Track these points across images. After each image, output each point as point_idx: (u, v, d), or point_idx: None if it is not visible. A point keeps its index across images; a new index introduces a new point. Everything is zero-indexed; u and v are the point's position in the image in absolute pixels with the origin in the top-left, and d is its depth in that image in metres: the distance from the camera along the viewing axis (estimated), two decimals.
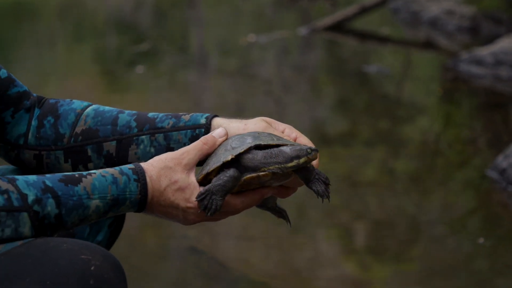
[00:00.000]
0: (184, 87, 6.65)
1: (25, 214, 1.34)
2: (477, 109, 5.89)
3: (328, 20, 8.60)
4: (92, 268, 1.31)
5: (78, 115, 1.70)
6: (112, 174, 1.44)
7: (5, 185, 1.34)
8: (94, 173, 1.44)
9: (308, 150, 1.51)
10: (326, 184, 1.56)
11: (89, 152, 1.67)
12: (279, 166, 1.51)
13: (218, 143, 1.56)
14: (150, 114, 1.68)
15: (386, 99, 6.04)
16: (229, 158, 1.50)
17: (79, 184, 1.40)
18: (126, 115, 1.68)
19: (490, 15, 8.26)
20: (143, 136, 1.65)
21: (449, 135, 5.20)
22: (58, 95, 6.05)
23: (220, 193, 1.49)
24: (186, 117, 1.65)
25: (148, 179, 1.46)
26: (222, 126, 1.62)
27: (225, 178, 1.50)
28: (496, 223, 3.69)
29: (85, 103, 1.73)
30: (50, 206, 1.36)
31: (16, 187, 1.35)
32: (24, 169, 1.72)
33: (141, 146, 1.64)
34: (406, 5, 9.44)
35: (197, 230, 3.50)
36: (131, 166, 1.47)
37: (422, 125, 5.41)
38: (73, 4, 11.19)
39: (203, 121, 1.64)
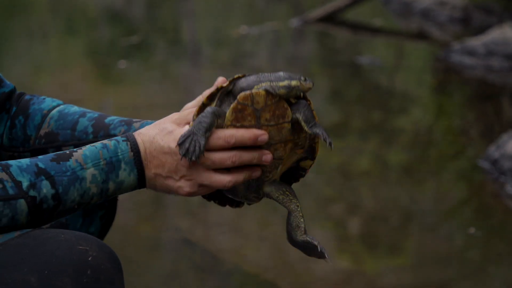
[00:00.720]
0: (176, 79, 6.64)
1: (22, 201, 1.34)
2: (469, 99, 5.90)
3: (320, 11, 8.60)
4: (90, 258, 1.32)
5: (44, 116, 1.70)
6: (102, 142, 1.44)
7: None
8: (85, 147, 1.44)
9: (302, 77, 1.46)
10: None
11: None
12: (271, 84, 1.45)
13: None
14: (107, 120, 1.68)
15: (378, 90, 6.05)
16: (215, 89, 1.48)
17: (70, 158, 1.40)
18: (86, 120, 1.68)
19: (481, 5, 8.27)
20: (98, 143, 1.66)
21: (442, 125, 5.21)
22: (49, 88, 6.03)
23: (201, 131, 1.42)
24: (136, 124, 1.65)
25: (136, 135, 1.45)
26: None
27: (203, 114, 1.43)
28: (488, 213, 3.70)
29: (55, 103, 1.73)
30: (45, 187, 1.36)
31: (9, 174, 1.35)
32: None
33: None
34: None
35: (190, 222, 3.50)
36: (119, 134, 1.47)
37: (415, 116, 5.41)
38: None
39: (151, 122, 1.63)
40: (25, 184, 1.35)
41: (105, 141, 1.44)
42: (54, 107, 1.72)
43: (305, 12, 8.78)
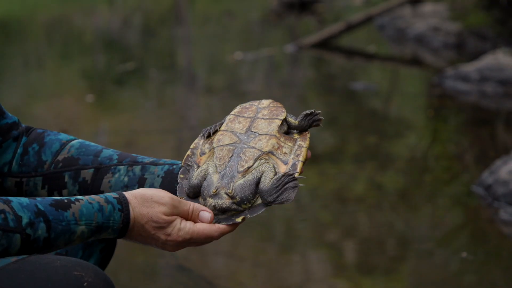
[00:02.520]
0: (172, 104, 6.66)
1: (18, 236, 1.36)
2: (463, 125, 5.92)
3: (315, 37, 8.64)
4: (85, 284, 1.33)
5: (63, 145, 1.73)
6: (98, 202, 1.47)
7: (1, 205, 1.36)
8: (82, 199, 1.46)
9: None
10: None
11: (66, 179, 1.70)
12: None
13: (197, 224, 1.57)
14: (135, 154, 1.73)
15: (373, 116, 6.07)
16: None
17: (69, 209, 1.43)
18: (110, 151, 1.73)
19: (475, 31, 8.33)
20: (121, 166, 1.68)
21: (436, 151, 5.23)
22: (45, 114, 6.02)
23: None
24: (167, 159, 1.72)
25: (131, 210, 1.50)
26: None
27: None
28: (482, 239, 3.71)
29: (72, 137, 1.77)
30: (41, 230, 1.39)
31: (11, 208, 1.37)
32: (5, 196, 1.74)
33: (116, 175, 1.68)
34: (392, 22, 9.50)
35: (185, 249, 3.49)
36: (115, 195, 1.50)
37: (410, 141, 5.43)
38: (60, 22, 11.20)
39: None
40: (24, 220, 1.37)
41: (102, 202, 1.47)
42: (74, 139, 1.75)
43: (300, 38, 8.83)
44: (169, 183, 1.65)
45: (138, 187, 1.66)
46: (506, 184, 3.93)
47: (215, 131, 1.66)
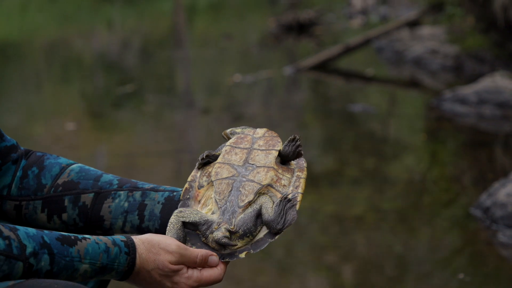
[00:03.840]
0: (171, 127, 6.67)
1: (20, 264, 1.36)
2: (461, 147, 5.93)
3: (313, 59, 8.67)
4: None
5: (63, 169, 1.73)
6: (106, 243, 1.47)
7: (7, 232, 1.36)
8: (89, 238, 1.46)
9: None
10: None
11: (66, 203, 1.69)
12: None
13: (203, 271, 1.58)
14: (135, 180, 1.72)
15: (372, 138, 6.08)
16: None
17: (74, 246, 1.43)
18: (110, 176, 1.72)
19: (473, 54, 8.36)
20: (121, 192, 1.68)
21: (435, 173, 5.23)
22: (43, 136, 6.03)
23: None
24: (167, 186, 1.71)
25: (137, 255, 1.49)
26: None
27: None
28: (481, 262, 3.71)
29: (72, 161, 1.77)
30: (44, 261, 1.38)
31: (17, 236, 1.37)
32: (4, 220, 1.74)
33: (116, 200, 1.68)
34: (390, 44, 9.54)
35: None
36: (123, 238, 1.50)
37: (408, 164, 5.44)
38: (59, 44, 11.24)
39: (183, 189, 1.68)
40: (29, 250, 1.37)
41: (109, 244, 1.47)
42: (73, 163, 1.75)
43: (298, 60, 8.86)
44: (169, 210, 1.65)
45: (138, 213, 1.66)
46: (505, 206, 3.93)
47: (209, 162, 1.66)
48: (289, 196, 1.57)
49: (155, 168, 4.97)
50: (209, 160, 1.66)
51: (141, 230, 1.71)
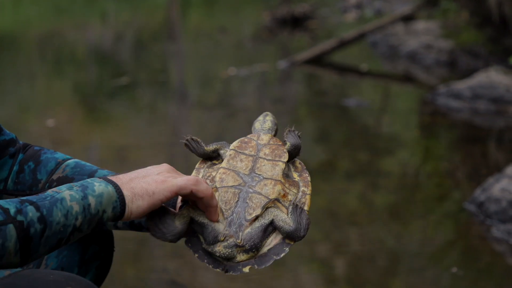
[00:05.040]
0: (164, 120, 6.66)
1: (11, 226, 1.35)
2: (455, 142, 5.94)
3: (308, 53, 8.66)
4: None
5: (59, 164, 1.73)
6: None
7: None
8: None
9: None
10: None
11: None
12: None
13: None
14: None
15: (365, 132, 6.08)
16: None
17: (47, 192, 1.43)
18: (106, 171, 1.72)
19: (467, 49, 8.36)
20: None
21: (428, 168, 5.23)
22: (37, 128, 6.01)
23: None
24: None
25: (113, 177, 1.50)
26: None
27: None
28: (475, 257, 3.71)
29: (68, 156, 1.76)
30: (31, 212, 1.37)
31: None
32: None
33: None
34: (384, 39, 9.54)
35: (177, 263, 3.49)
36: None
37: (402, 158, 5.44)
38: (52, 36, 11.20)
39: None
40: (12, 210, 1.36)
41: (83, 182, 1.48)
42: (69, 158, 1.74)
43: (293, 54, 8.85)
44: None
45: None
46: (499, 201, 3.93)
47: (210, 158, 1.66)
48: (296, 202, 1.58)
49: (148, 161, 4.95)
50: (211, 156, 1.66)
51: (133, 226, 1.70)
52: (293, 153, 1.66)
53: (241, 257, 1.53)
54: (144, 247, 3.67)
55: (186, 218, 1.53)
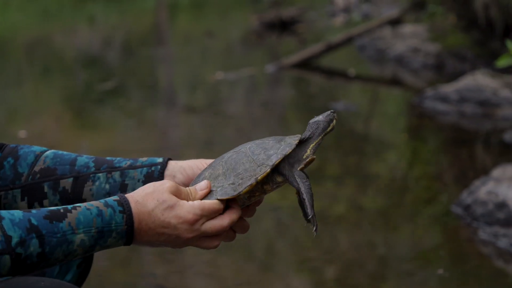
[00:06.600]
0: (152, 124, 6.66)
1: (7, 257, 1.35)
2: (443, 145, 5.96)
3: (295, 57, 8.68)
4: None
5: (38, 156, 1.73)
6: (97, 207, 1.44)
7: None
8: (80, 206, 1.44)
9: (332, 112, 1.73)
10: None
11: (45, 189, 1.69)
12: (322, 135, 1.75)
13: (198, 196, 1.57)
14: (109, 158, 1.72)
15: (353, 136, 6.09)
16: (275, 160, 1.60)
17: (64, 219, 1.41)
18: (85, 158, 1.73)
19: (454, 52, 8.39)
20: (100, 174, 1.68)
21: (416, 171, 5.25)
22: (23, 134, 5.98)
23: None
24: (143, 158, 1.71)
25: (133, 205, 1.47)
26: (179, 164, 1.67)
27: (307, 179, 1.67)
28: (461, 259, 3.73)
29: (45, 148, 1.77)
30: (33, 246, 1.37)
31: (1, 227, 1.35)
32: None
33: (97, 183, 1.68)
34: (372, 42, 9.56)
35: (165, 268, 3.49)
36: (115, 197, 1.47)
37: (390, 161, 5.46)
38: (40, 41, 11.18)
39: (159, 160, 1.69)
40: (14, 240, 1.36)
41: (101, 206, 1.44)
42: (46, 150, 1.75)
43: (281, 58, 8.86)
44: None
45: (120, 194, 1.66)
46: (485, 204, 3.95)
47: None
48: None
49: None
50: None
51: None
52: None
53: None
54: (133, 251, 3.67)
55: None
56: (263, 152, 1.57)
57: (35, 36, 11.79)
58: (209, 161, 1.68)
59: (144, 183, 1.66)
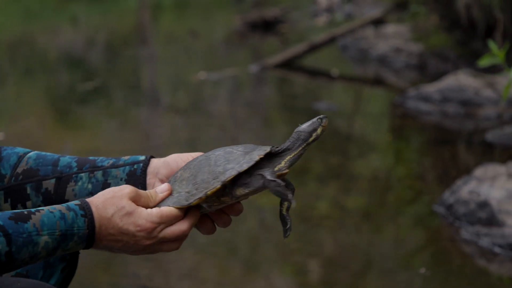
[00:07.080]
0: (135, 124, 6.64)
1: None
2: (425, 145, 5.98)
3: (278, 57, 8.68)
4: None
5: (21, 157, 1.73)
6: (60, 210, 1.46)
7: None
8: (43, 209, 1.46)
9: (319, 119, 1.66)
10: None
11: (28, 190, 1.70)
12: (303, 146, 1.68)
13: (158, 198, 1.58)
14: (91, 157, 1.73)
15: (336, 136, 6.11)
16: (246, 167, 1.54)
17: (29, 221, 1.42)
18: (67, 158, 1.73)
19: (437, 52, 8.43)
20: (82, 174, 1.68)
21: (399, 171, 5.27)
22: (6, 134, 5.96)
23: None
24: (126, 157, 1.73)
25: (94, 210, 1.49)
26: (163, 159, 1.67)
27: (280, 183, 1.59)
28: (444, 258, 3.74)
29: (28, 149, 1.78)
30: (1, 244, 1.37)
31: None
32: None
33: (79, 183, 1.68)
34: (354, 42, 9.59)
35: (148, 269, 3.48)
36: (77, 202, 1.50)
37: (373, 161, 5.47)
38: (22, 41, 11.13)
39: (142, 158, 1.70)
40: None
41: (64, 210, 1.46)
42: (30, 151, 1.75)
43: (264, 58, 8.87)
44: (132, 185, 1.65)
45: None
46: (467, 203, 3.97)
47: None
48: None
49: None
50: None
51: None
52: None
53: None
54: None
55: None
56: (223, 164, 1.55)
57: (17, 36, 11.74)
58: (195, 154, 1.68)
59: (127, 181, 1.66)
